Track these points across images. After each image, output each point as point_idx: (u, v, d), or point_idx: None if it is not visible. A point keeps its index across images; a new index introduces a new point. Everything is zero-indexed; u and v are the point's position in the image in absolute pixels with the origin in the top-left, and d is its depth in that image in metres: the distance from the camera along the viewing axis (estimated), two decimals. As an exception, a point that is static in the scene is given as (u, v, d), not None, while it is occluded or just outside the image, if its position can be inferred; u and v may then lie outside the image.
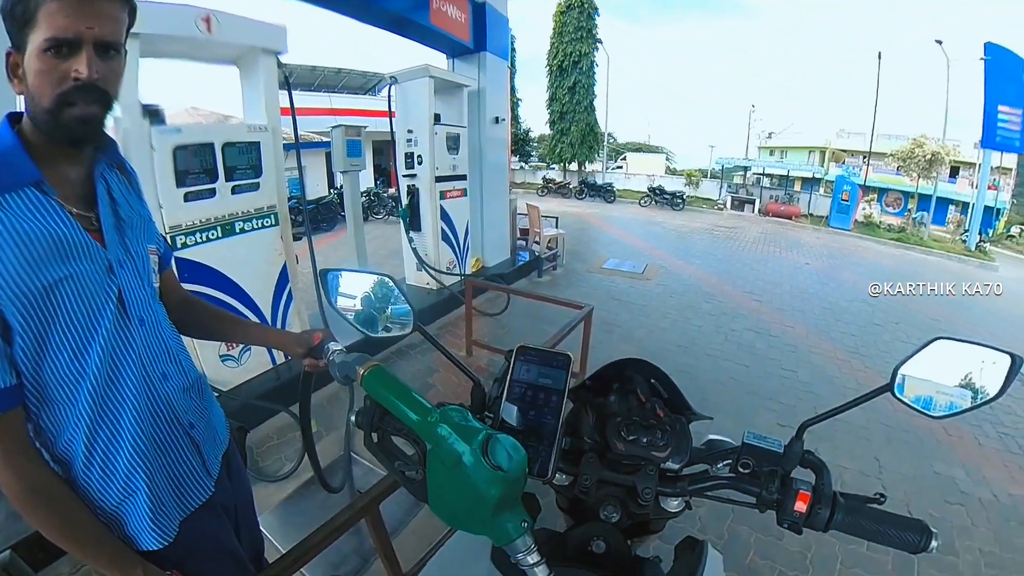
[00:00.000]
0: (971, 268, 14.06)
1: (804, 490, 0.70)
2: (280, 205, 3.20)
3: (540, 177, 24.87)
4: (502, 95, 6.51)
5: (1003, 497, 3.25)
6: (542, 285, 6.91)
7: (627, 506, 0.80)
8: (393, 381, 0.71)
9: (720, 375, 4.52)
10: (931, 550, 0.67)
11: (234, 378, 3.07)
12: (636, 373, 0.91)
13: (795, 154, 29.98)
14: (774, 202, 20.82)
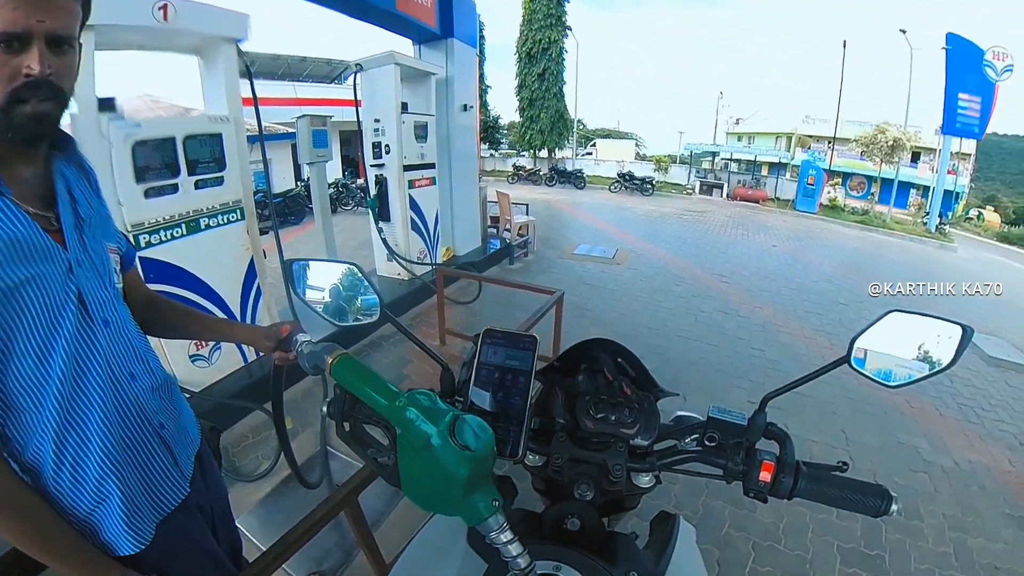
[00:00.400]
0: (931, 249, 14.66)
1: (768, 460, 0.73)
2: (246, 199, 3.11)
3: (510, 164, 24.74)
4: (470, 82, 6.43)
5: (963, 464, 3.43)
6: (514, 272, 6.92)
7: (600, 484, 0.82)
8: (361, 368, 0.71)
9: (691, 355, 4.62)
10: (892, 513, 0.70)
11: (205, 378, 3.00)
12: (603, 353, 0.92)
13: (762, 140, 30.63)
14: (742, 187, 21.23)
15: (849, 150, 23.37)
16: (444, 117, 5.90)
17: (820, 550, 2.47)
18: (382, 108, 4.85)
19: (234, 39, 2.95)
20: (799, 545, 2.49)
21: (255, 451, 2.79)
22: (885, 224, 17.33)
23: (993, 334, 6.43)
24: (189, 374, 2.89)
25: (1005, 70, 16.66)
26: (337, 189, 12.62)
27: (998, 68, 16.65)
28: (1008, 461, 3.54)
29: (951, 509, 2.95)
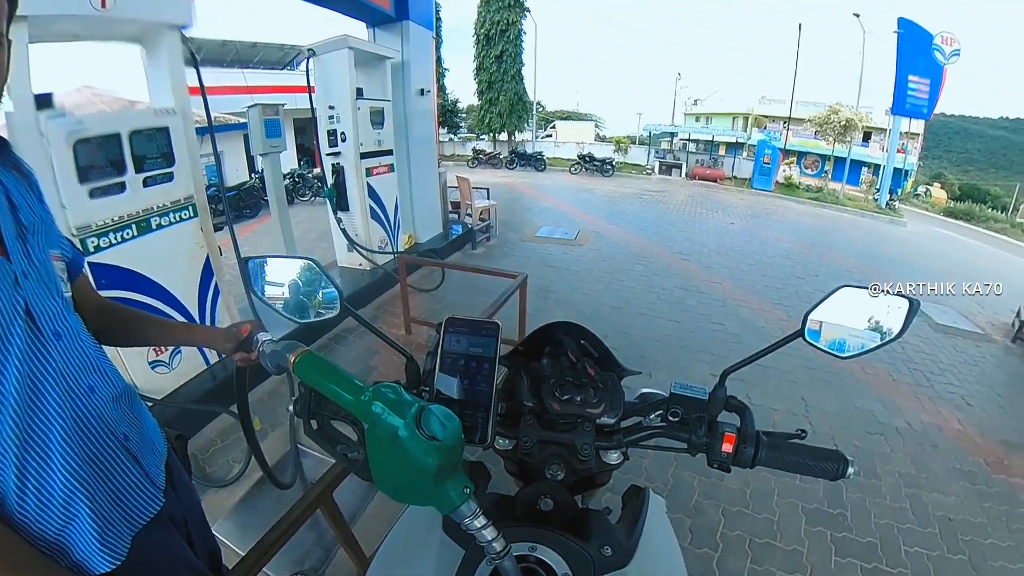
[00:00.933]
0: (882, 224, 15.33)
1: (729, 432, 0.76)
2: (198, 195, 2.97)
3: (470, 148, 24.32)
4: (427, 66, 6.30)
5: (916, 425, 3.64)
6: (476, 257, 6.90)
7: (570, 463, 0.84)
8: (325, 364, 0.70)
9: (654, 332, 4.72)
10: (849, 476, 0.73)
11: (168, 384, 2.88)
12: (566, 335, 0.94)
13: (720, 120, 31.25)
14: (700, 166, 21.67)
15: (804, 130, 24.18)
16: (401, 102, 5.77)
17: (786, 512, 2.60)
18: (336, 94, 4.70)
19: (178, 25, 2.78)
20: (766, 509, 2.60)
21: (225, 455, 2.71)
22: (838, 201, 18.06)
23: (941, 302, 6.81)
24: (150, 381, 2.77)
25: (953, 54, 17.46)
26: (293, 180, 12.22)
27: (946, 52, 17.44)
28: (957, 420, 3.78)
29: (906, 467, 3.13)
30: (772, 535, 2.46)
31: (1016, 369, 5.02)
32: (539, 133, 29.22)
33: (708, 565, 2.26)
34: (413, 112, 6.00)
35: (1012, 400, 4.26)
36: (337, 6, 5.06)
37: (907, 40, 17.47)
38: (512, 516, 0.80)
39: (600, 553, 0.73)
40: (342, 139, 4.82)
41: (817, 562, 2.34)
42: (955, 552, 2.51)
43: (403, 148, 5.87)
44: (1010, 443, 3.56)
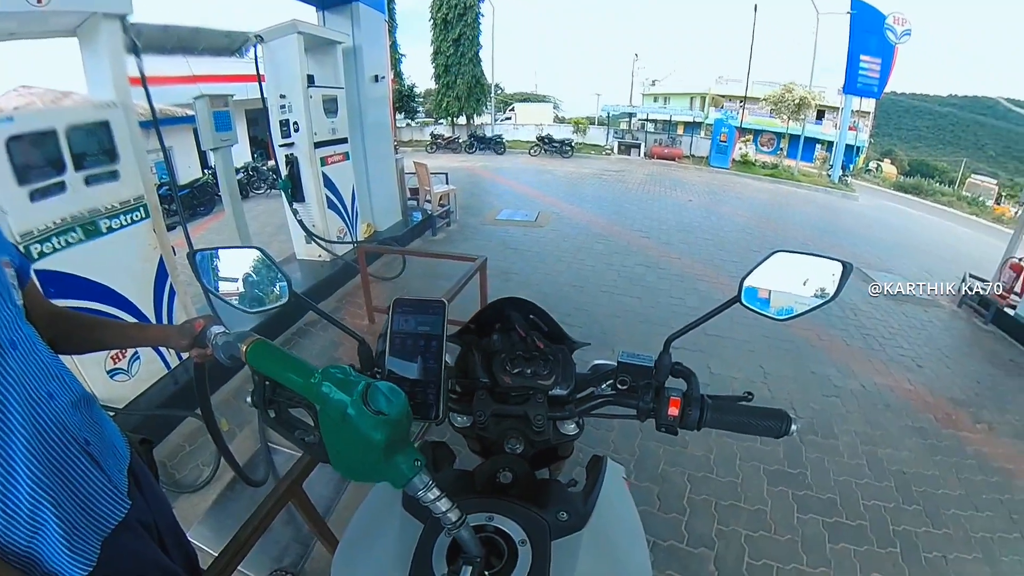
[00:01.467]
0: (835, 198, 15.93)
1: (675, 396, 0.80)
2: (148, 195, 2.83)
3: (428, 133, 23.94)
4: (380, 50, 6.14)
5: (869, 387, 3.84)
6: (437, 243, 6.85)
7: (528, 436, 0.86)
8: (276, 351, 0.71)
9: (615, 309, 4.81)
10: (792, 433, 0.77)
11: (128, 391, 2.77)
12: (515, 311, 0.95)
13: (677, 100, 31.65)
14: (658, 145, 21.94)
15: (760, 108, 24.71)
16: (354, 88, 5.62)
17: (748, 474, 2.72)
18: (287, 83, 4.53)
19: (117, 14, 2.62)
20: (729, 472, 2.72)
21: (194, 460, 2.64)
22: (793, 177, 18.65)
23: (891, 271, 7.16)
24: (110, 390, 2.65)
25: (904, 34, 18.10)
26: (247, 173, 11.80)
27: (898, 32, 18.05)
28: (908, 381, 4.01)
29: (861, 427, 3.31)
30: (736, 497, 2.57)
31: (961, 332, 5.34)
32: (498, 116, 28.95)
33: (677, 529, 2.35)
34: (367, 99, 5.86)
35: (958, 360, 4.54)
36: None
37: (859, 20, 18.04)
38: (473, 490, 0.82)
39: (556, 518, 0.76)
40: (295, 129, 4.67)
41: (780, 520, 2.46)
42: (910, 503, 2.68)
43: (358, 136, 5.73)
44: (957, 400, 3.81)
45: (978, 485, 2.90)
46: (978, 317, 5.60)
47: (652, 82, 33.42)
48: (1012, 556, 2.44)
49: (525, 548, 0.71)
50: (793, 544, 2.34)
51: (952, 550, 2.41)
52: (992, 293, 5.72)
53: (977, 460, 3.12)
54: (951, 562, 2.35)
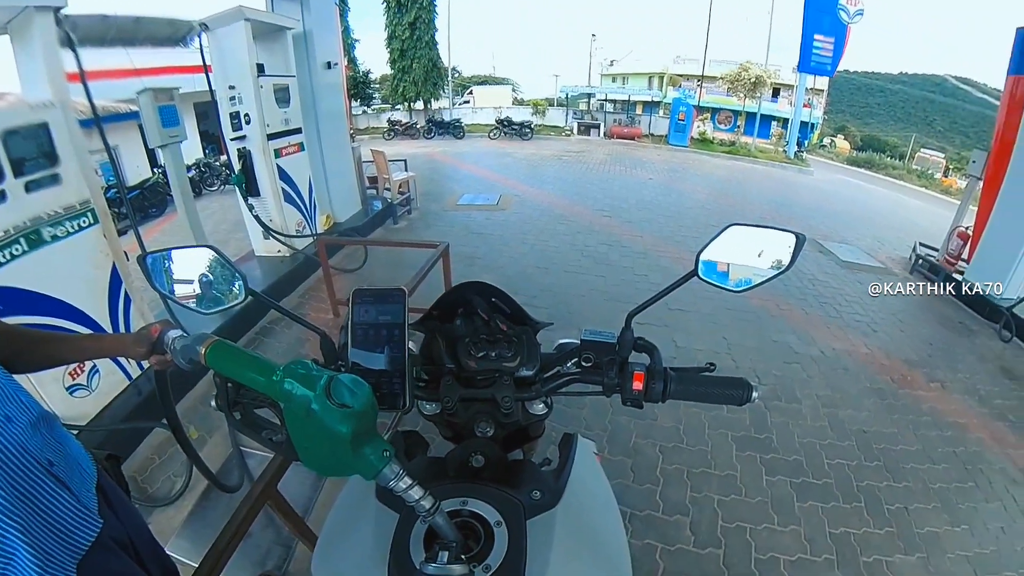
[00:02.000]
0: (791, 173, 16.41)
1: (639, 371, 0.81)
2: (95, 198, 2.67)
3: (385, 120, 23.24)
4: (332, 36, 5.95)
5: (828, 352, 4.03)
6: (399, 231, 6.76)
7: (497, 418, 0.87)
8: (235, 351, 0.70)
9: (581, 288, 4.87)
10: (754, 400, 0.79)
11: (91, 407, 2.65)
12: (476, 295, 0.95)
13: (635, 80, 31.82)
14: (617, 125, 22.14)
15: (717, 87, 25.18)
16: (307, 76, 5.43)
17: (717, 442, 2.83)
18: (236, 73, 4.33)
19: (51, 7, 2.44)
20: (699, 441, 2.83)
21: (165, 471, 2.56)
22: (750, 153, 19.11)
23: (845, 242, 7.46)
24: (71, 408, 2.52)
25: (856, 13, 18.60)
26: (199, 170, 11.32)
27: (851, 11, 18.53)
28: (864, 345, 4.22)
29: (822, 390, 3.48)
30: (707, 464, 2.68)
31: (914, 297, 5.61)
32: (456, 100, 28.46)
33: (652, 499, 2.43)
34: (320, 86, 5.67)
35: (911, 324, 4.80)
36: None
37: (813, 0, 18.47)
38: (446, 476, 0.83)
39: (529, 498, 0.78)
40: (246, 121, 4.49)
41: (750, 483, 2.58)
42: (871, 460, 2.85)
43: (312, 125, 5.56)
44: (911, 361, 4.04)
45: (934, 440, 3.09)
46: (929, 283, 5.89)
47: (610, 62, 33.47)
48: (967, 503, 2.63)
49: (501, 529, 0.72)
50: (764, 505, 2.45)
51: (913, 501, 2.58)
52: (941, 260, 6.06)
53: (932, 416, 3.32)
54: (912, 512, 2.52)
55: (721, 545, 2.22)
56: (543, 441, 1.11)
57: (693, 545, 2.20)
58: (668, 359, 0.82)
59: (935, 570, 2.22)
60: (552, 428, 1.02)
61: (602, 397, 0.87)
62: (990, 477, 2.85)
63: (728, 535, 2.27)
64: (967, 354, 4.27)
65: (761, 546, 2.23)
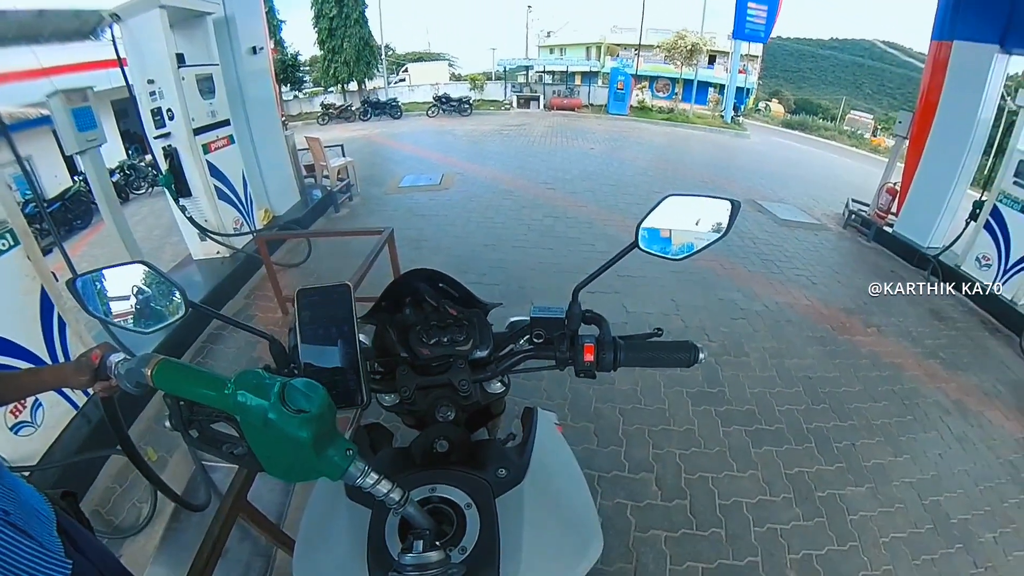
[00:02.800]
0: (729, 138, 16.96)
1: (588, 343, 0.85)
2: (12, 217, 2.44)
3: (318, 104, 22.31)
4: (256, 19, 5.60)
5: (772, 306, 4.27)
6: (341, 220, 6.59)
7: (457, 402, 0.89)
8: (183, 369, 0.69)
9: (529, 262, 4.93)
10: (701, 360, 0.85)
11: (39, 444, 2.47)
12: (422, 283, 0.96)
13: (573, 51, 31.84)
14: (557, 97, 22.14)
15: (654, 55, 25.67)
16: (231, 64, 5.13)
17: (674, 400, 2.98)
18: (154, 65, 4.00)
19: None
20: (656, 400, 2.97)
21: (128, 499, 2.45)
22: (688, 120, 19.61)
23: (783, 201, 7.81)
24: (18, 448, 2.36)
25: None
26: (123, 173, 10.53)
27: None
28: (805, 297, 4.50)
29: (768, 342, 3.70)
30: (666, 421, 2.82)
31: (848, 249, 6.02)
32: (392, 78, 27.59)
33: (616, 459, 2.55)
34: (246, 74, 5.36)
35: (847, 275, 5.14)
36: None
37: None
38: (413, 465, 0.85)
39: (496, 476, 0.81)
40: (169, 117, 4.17)
41: (708, 435, 2.74)
42: (818, 403, 3.08)
43: (241, 116, 5.25)
44: (849, 309, 4.35)
45: (874, 380, 3.37)
46: (861, 236, 6.35)
47: (547, 34, 33.31)
48: (907, 435, 2.90)
49: (472, 511, 0.75)
50: (722, 455, 2.62)
51: (858, 438, 2.83)
52: (872, 214, 6.48)
53: (871, 359, 3.61)
54: (859, 448, 2.76)
55: (686, 496, 2.36)
56: (506, 417, 1.14)
57: (660, 499, 2.33)
58: (619, 325, 0.86)
59: (884, 498, 2.45)
60: (514, 402, 1.05)
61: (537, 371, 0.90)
62: (926, 410, 3.14)
63: (692, 486, 2.42)
64: (899, 299, 4.62)
65: (724, 492, 2.39)
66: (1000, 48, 4.95)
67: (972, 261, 4.80)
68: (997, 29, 4.92)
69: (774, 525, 2.24)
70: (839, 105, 36.57)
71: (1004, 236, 4.54)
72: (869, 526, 2.29)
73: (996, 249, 4.61)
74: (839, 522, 2.29)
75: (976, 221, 4.80)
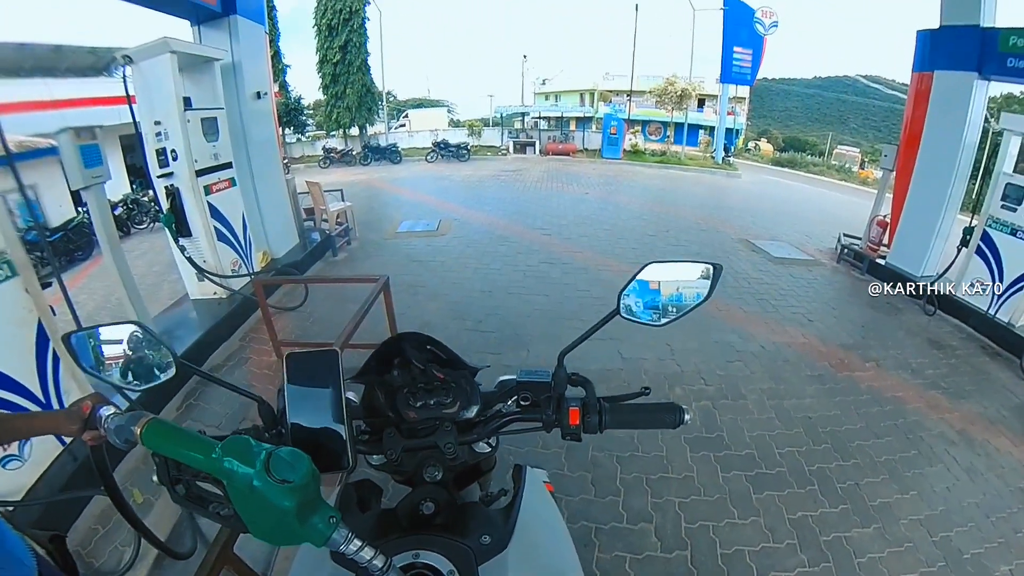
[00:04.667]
0: (721, 178, 17.39)
1: (574, 407, 0.86)
2: (12, 248, 2.44)
3: (320, 148, 22.78)
4: (262, 65, 5.79)
5: (768, 346, 4.26)
6: (338, 264, 6.60)
7: (444, 462, 0.89)
8: (172, 430, 0.69)
9: (525, 309, 4.90)
10: (686, 422, 0.86)
11: (26, 478, 2.41)
12: (410, 346, 0.97)
13: (568, 97, 32.95)
14: (553, 142, 22.68)
15: (645, 100, 26.64)
16: (235, 108, 5.25)
17: (671, 446, 2.91)
18: (161, 107, 4.13)
19: None
20: (654, 447, 2.90)
21: (110, 541, 2.35)
22: (681, 161, 20.20)
23: (776, 239, 7.93)
24: (6, 481, 2.30)
25: (772, 26, 20.16)
26: (126, 207, 10.59)
27: (766, 24, 20.06)
28: (801, 335, 4.50)
29: (766, 383, 3.67)
30: (664, 469, 2.76)
31: (843, 284, 6.08)
32: (392, 124, 28.27)
33: (615, 510, 2.48)
34: (250, 118, 5.49)
35: (842, 310, 5.18)
36: (156, 4, 4.46)
37: (731, 15, 19.93)
38: (399, 527, 0.84)
39: (479, 543, 0.80)
40: (173, 157, 4.26)
41: (707, 482, 2.68)
42: (819, 443, 3.03)
43: (243, 159, 5.36)
44: (846, 345, 4.35)
45: (875, 416, 3.34)
46: (855, 270, 6.43)
47: (542, 81, 34.50)
48: (913, 471, 2.85)
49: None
50: (723, 502, 2.56)
51: (862, 477, 2.78)
52: (864, 248, 6.60)
53: (871, 395, 3.58)
54: (863, 487, 2.70)
55: (687, 547, 2.29)
56: (499, 468, 1.12)
57: (660, 551, 2.26)
58: (615, 371, 0.87)
59: (892, 538, 2.39)
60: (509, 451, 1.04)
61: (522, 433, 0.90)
62: (931, 443, 3.10)
63: (693, 536, 2.35)
64: (896, 331, 4.65)
65: (725, 541, 2.32)
66: (978, 75, 5.21)
67: (967, 287, 4.85)
68: (973, 58, 5.19)
69: (779, 573, 2.17)
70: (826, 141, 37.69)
71: (996, 260, 4.64)
72: (878, 568, 2.22)
73: (990, 273, 4.68)
74: (846, 566, 2.22)
75: (967, 247, 4.90)
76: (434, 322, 4.39)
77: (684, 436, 2.98)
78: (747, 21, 19.91)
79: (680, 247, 7.36)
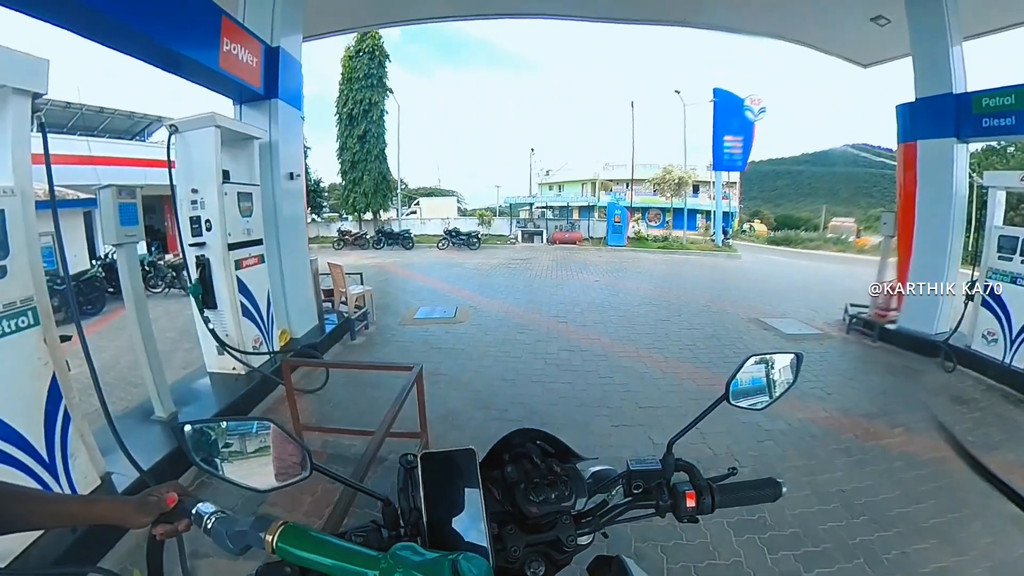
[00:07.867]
0: (722, 260, 17.88)
1: (688, 490, 0.88)
2: (39, 295, 2.40)
3: (334, 229, 23.70)
4: (296, 147, 6.07)
5: (794, 423, 4.13)
6: (357, 348, 6.52)
7: (549, 556, 0.86)
8: (315, 538, 0.63)
9: (550, 397, 4.76)
10: (784, 494, 0.90)
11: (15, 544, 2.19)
12: (525, 440, 0.98)
13: (570, 187, 34.77)
14: (559, 231, 23.68)
15: (644, 189, 28.11)
16: (269, 186, 5.42)
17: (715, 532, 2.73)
18: (200, 177, 4.26)
19: (30, 92, 2.34)
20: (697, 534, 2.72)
21: None
22: (683, 246, 20.97)
23: (785, 315, 7.99)
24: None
25: (760, 111, 21.74)
26: (143, 269, 10.72)
27: (755, 111, 21.67)
28: (823, 409, 4.39)
29: (798, 460, 3.53)
30: (711, 556, 2.57)
31: (856, 354, 6.06)
32: (404, 210, 29.43)
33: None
34: (283, 196, 5.64)
35: (859, 380, 5.11)
36: (204, 81, 4.74)
37: (721, 106, 21.53)
38: None
39: None
40: (207, 227, 4.32)
41: (756, 565, 2.49)
42: (857, 516, 2.88)
43: (273, 236, 5.44)
44: (869, 413, 4.26)
45: (912, 481, 3.20)
46: (866, 338, 6.43)
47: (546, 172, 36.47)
48: (967, 530, 2.68)
49: None
50: (775, 585, 2.34)
51: (909, 544, 2.61)
52: (872, 315, 6.64)
53: (904, 460, 3.45)
54: (912, 555, 2.53)
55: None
56: None
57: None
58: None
59: None
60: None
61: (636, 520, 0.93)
62: (977, 500, 2.94)
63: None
64: (920, 392, 4.56)
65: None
66: (957, 139, 5.77)
67: (980, 338, 4.89)
68: (951, 124, 5.79)
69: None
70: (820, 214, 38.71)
71: (1003, 309, 4.73)
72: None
73: (999, 322, 4.73)
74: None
75: (972, 300, 5.00)
76: (459, 410, 4.27)
77: (726, 521, 2.80)
78: (737, 110, 21.42)
79: (694, 330, 7.34)
